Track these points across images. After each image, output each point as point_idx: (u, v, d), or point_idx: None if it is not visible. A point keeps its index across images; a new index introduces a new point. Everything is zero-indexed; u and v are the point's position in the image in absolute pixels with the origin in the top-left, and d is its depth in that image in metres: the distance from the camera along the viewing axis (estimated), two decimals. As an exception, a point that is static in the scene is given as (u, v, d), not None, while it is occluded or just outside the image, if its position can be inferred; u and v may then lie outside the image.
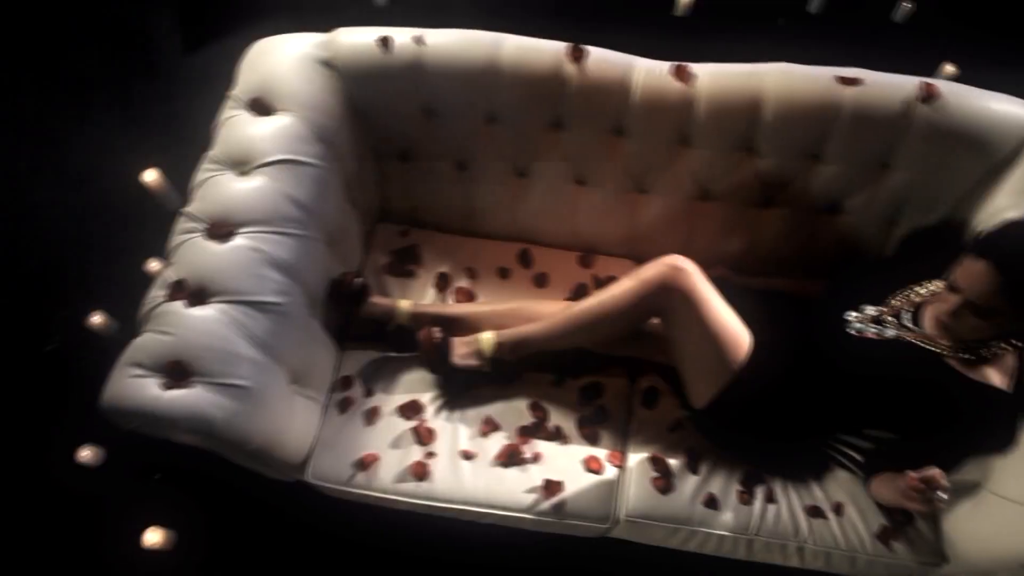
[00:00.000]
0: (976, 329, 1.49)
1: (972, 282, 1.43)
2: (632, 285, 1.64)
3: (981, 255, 1.43)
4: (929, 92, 1.65)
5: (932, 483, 1.36)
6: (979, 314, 1.45)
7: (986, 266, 1.41)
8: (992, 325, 1.48)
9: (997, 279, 1.40)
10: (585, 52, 1.73)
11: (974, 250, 1.45)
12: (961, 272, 1.46)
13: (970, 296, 1.44)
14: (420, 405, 1.79)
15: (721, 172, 1.82)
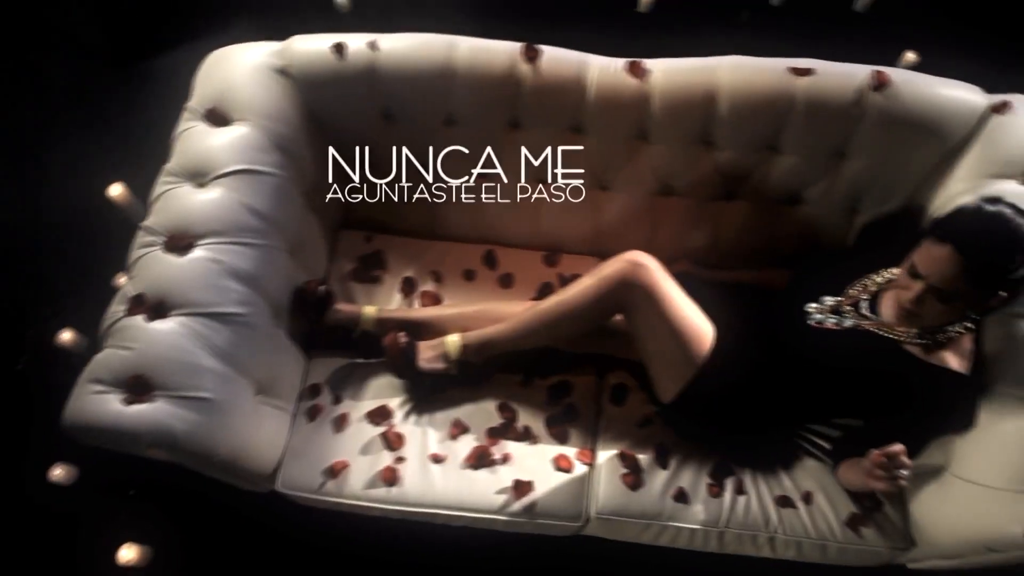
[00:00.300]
0: (940, 314, 1.50)
1: (935, 267, 1.44)
2: (593, 283, 1.65)
3: (942, 240, 1.43)
4: (880, 80, 1.67)
5: (894, 459, 1.37)
6: (943, 299, 1.46)
7: (948, 251, 1.42)
8: (955, 309, 1.49)
9: (960, 263, 1.41)
10: (539, 52, 1.73)
11: (935, 235, 1.45)
12: (923, 258, 1.46)
13: (933, 281, 1.45)
14: (389, 410, 1.78)
15: (681, 167, 1.83)
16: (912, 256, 1.49)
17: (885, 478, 1.38)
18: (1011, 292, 1.47)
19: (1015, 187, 1.63)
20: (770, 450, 1.75)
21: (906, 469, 1.36)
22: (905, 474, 1.37)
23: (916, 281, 1.48)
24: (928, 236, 1.47)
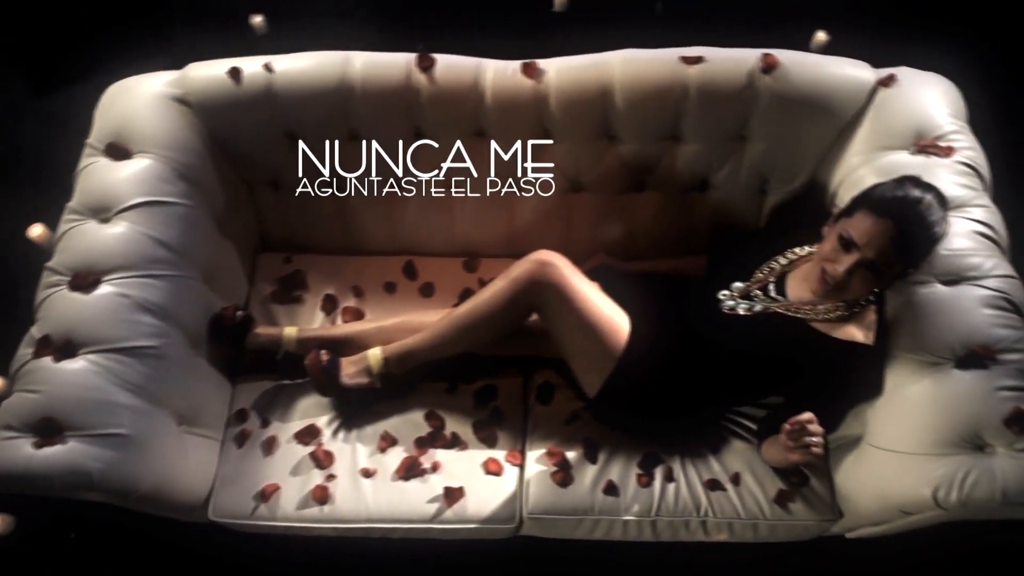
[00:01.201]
0: (866, 286, 1.53)
1: (873, 240, 1.46)
2: (503, 285, 1.66)
3: (882, 214, 1.46)
4: (769, 63, 1.69)
5: (804, 428, 1.39)
6: (874, 269, 1.49)
7: (888, 224, 1.45)
8: (881, 281, 1.52)
9: (897, 237, 1.45)
10: (433, 60, 1.74)
11: (872, 209, 1.48)
12: (859, 231, 1.48)
13: (869, 253, 1.47)
14: (317, 429, 1.78)
15: (587, 163, 1.85)
16: (840, 228, 1.51)
17: (799, 447, 1.41)
18: (917, 268, 1.52)
19: (906, 157, 1.67)
20: (697, 435, 1.77)
21: (817, 436, 1.39)
22: (816, 441, 1.39)
23: (848, 254, 1.49)
24: (862, 209, 1.49)
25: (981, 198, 1.63)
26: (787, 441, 1.42)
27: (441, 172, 1.87)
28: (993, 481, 1.38)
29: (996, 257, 1.56)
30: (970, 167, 1.65)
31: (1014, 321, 1.50)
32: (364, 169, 1.87)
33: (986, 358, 1.45)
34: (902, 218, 1.45)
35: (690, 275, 1.89)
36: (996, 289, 1.52)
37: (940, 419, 1.45)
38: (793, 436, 1.41)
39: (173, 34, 2.85)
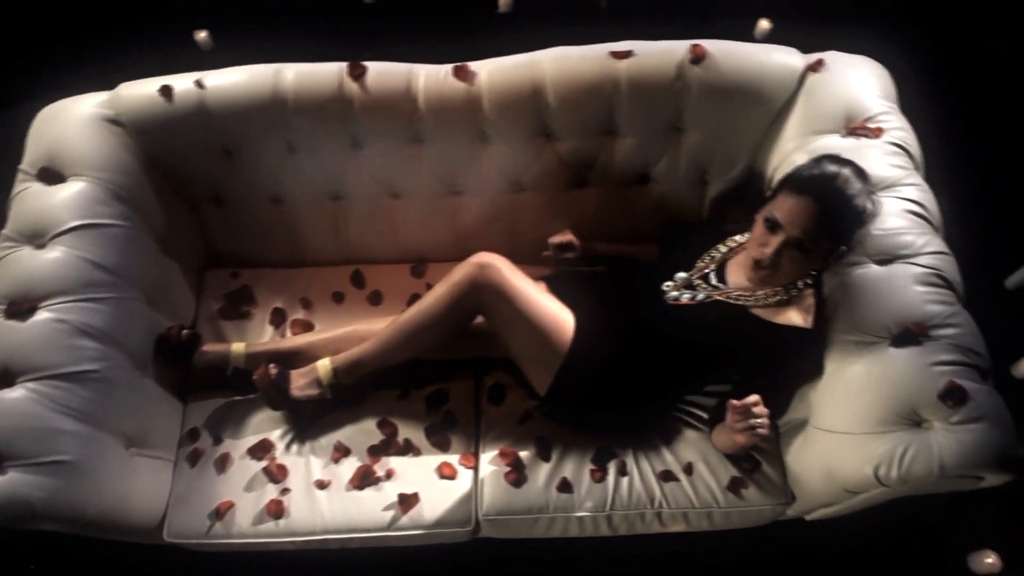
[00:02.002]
0: (797, 266, 1.54)
1: (795, 218, 1.48)
2: (444, 290, 1.66)
3: (800, 192, 1.48)
4: (697, 53, 1.70)
5: (748, 410, 1.40)
6: (802, 249, 1.50)
7: (808, 201, 1.47)
8: (809, 262, 1.54)
9: (818, 212, 1.46)
10: (365, 68, 1.74)
11: (792, 188, 1.50)
12: (782, 211, 1.50)
13: (794, 232, 1.49)
14: (270, 444, 1.78)
15: (525, 162, 1.85)
16: (766, 212, 1.53)
17: (744, 429, 1.42)
18: (849, 246, 1.54)
19: (838, 140, 1.68)
20: (649, 427, 1.77)
21: (762, 418, 1.40)
22: (761, 422, 1.40)
23: (775, 235, 1.51)
24: (783, 191, 1.52)
25: (912, 177, 1.65)
26: (733, 424, 1.44)
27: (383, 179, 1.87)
28: (930, 456, 1.39)
29: (928, 234, 1.58)
30: (900, 147, 1.67)
31: (947, 297, 1.51)
32: (305, 180, 1.87)
33: (920, 335, 1.46)
34: (821, 194, 1.47)
35: (641, 264, 1.89)
36: (928, 266, 1.53)
37: (878, 398, 1.46)
38: (738, 420, 1.42)
39: (115, 54, 2.83)
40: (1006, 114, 2.74)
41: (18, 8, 2.94)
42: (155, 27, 2.87)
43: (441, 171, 1.86)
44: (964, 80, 2.84)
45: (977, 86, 2.83)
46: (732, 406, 1.41)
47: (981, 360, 1.46)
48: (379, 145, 1.82)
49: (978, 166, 2.63)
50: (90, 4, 2.97)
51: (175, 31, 2.78)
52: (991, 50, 2.88)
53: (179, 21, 2.82)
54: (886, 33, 2.65)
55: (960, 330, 1.48)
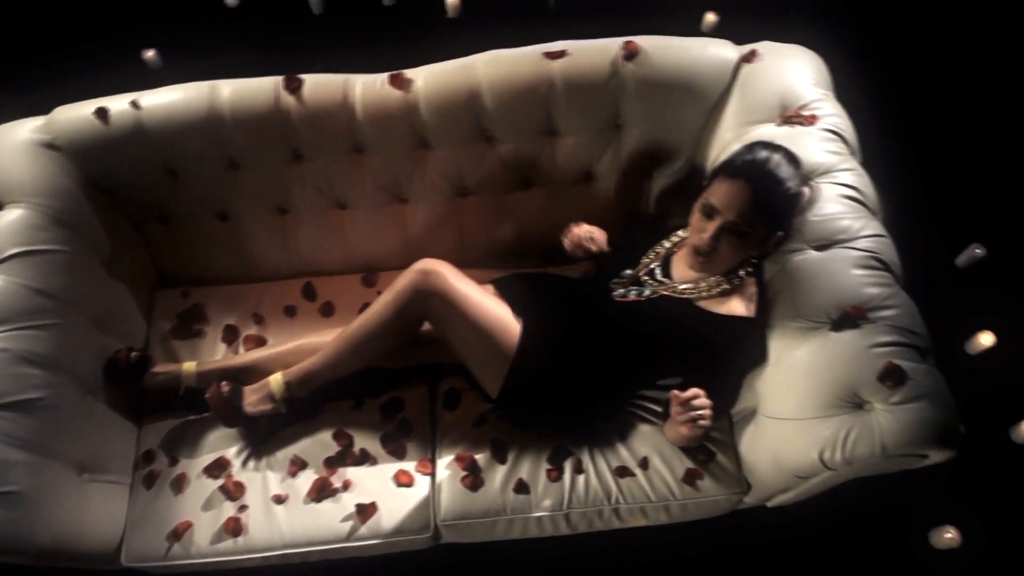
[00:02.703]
0: (735, 251, 1.56)
1: (731, 202, 1.51)
2: (389, 298, 1.67)
3: (735, 176, 1.51)
4: (630, 50, 1.72)
5: (688, 403, 1.43)
6: (739, 234, 1.53)
7: (741, 184, 1.50)
8: (746, 247, 1.56)
9: (752, 195, 1.49)
10: (301, 81, 1.74)
11: (726, 173, 1.53)
12: (717, 196, 1.53)
13: (730, 216, 1.51)
14: (226, 461, 1.77)
15: (468, 166, 1.85)
16: (702, 199, 1.56)
17: (686, 421, 1.44)
18: (786, 231, 1.55)
19: (773, 129, 1.70)
20: (604, 424, 1.78)
21: (703, 410, 1.42)
22: (702, 414, 1.42)
23: (712, 221, 1.54)
24: (718, 177, 1.54)
25: (847, 162, 1.66)
26: (676, 416, 1.45)
27: (327, 190, 1.87)
28: (872, 437, 1.41)
29: (865, 218, 1.59)
30: (835, 133, 1.68)
31: (884, 279, 1.53)
32: (250, 195, 1.87)
33: (858, 318, 1.48)
34: (753, 178, 1.49)
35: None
36: (866, 249, 1.55)
37: (821, 382, 1.48)
38: (680, 410, 1.43)
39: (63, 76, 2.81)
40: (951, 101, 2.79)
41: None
42: (102, 48, 2.85)
43: (385, 179, 1.86)
44: (905, 66, 2.87)
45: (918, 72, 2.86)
46: (674, 398, 1.43)
47: (919, 339, 1.48)
48: (321, 156, 1.82)
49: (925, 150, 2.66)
50: (35, 26, 2.96)
51: (123, 51, 2.76)
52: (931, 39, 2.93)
53: (127, 41, 2.80)
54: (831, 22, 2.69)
55: (898, 311, 1.49)
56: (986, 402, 2.17)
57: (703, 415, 1.43)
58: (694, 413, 1.42)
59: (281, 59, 2.09)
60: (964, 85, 2.82)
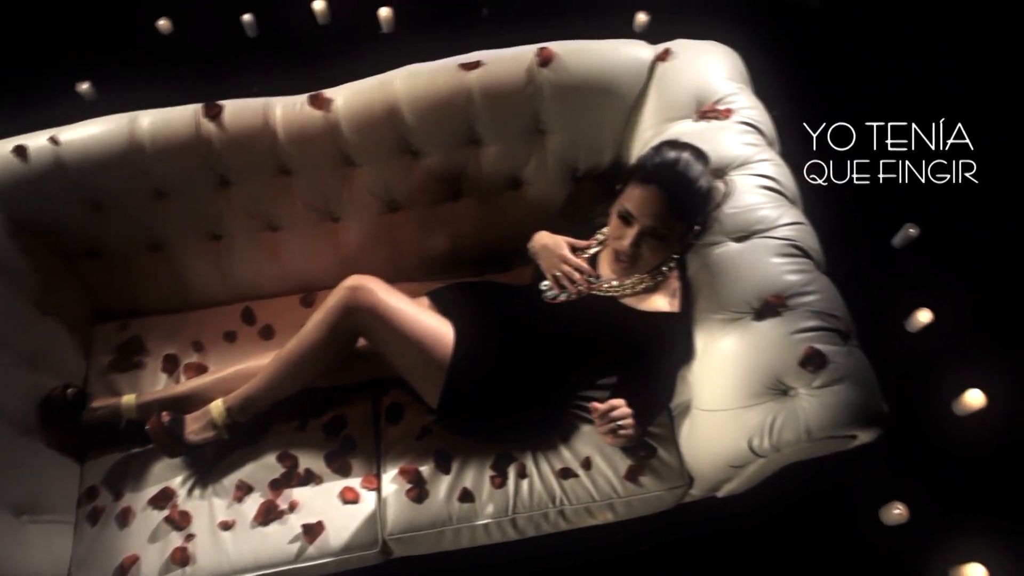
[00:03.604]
0: (657, 253, 1.59)
1: (645, 208, 1.53)
2: (320, 317, 1.67)
3: (646, 182, 1.53)
4: (544, 56, 1.74)
5: (605, 415, 1.44)
6: (657, 235, 1.55)
7: (654, 190, 1.52)
8: (669, 246, 1.58)
9: (666, 198, 1.51)
10: (220, 107, 1.74)
11: (638, 179, 1.55)
12: (632, 203, 1.55)
13: (647, 221, 1.54)
14: (171, 492, 1.76)
15: (396, 181, 1.87)
16: (618, 206, 1.58)
17: (607, 432, 1.45)
18: (703, 225, 1.57)
19: (690, 125, 1.73)
20: (546, 427, 1.79)
21: (623, 419, 1.44)
22: (623, 423, 1.44)
23: (630, 227, 1.56)
24: (631, 183, 1.56)
25: (764, 153, 1.69)
26: (597, 428, 1.47)
27: (258, 213, 1.87)
28: (797, 422, 1.43)
29: (783, 207, 1.62)
30: (750, 125, 1.72)
31: (804, 265, 1.56)
32: (180, 224, 1.87)
33: (779, 306, 1.50)
34: (665, 180, 1.52)
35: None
36: (784, 237, 1.57)
37: (746, 372, 1.50)
38: (600, 422, 1.45)
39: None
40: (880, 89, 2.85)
41: None
42: (35, 82, 2.84)
43: (314, 199, 1.87)
44: (835, 54, 2.92)
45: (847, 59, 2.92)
46: (593, 411, 1.45)
47: (840, 323, 1.50)
48: (248, 181, 1.83)
49: (860, 137, 2.70)
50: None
51: (57, 85, 2.75)
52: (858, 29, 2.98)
53: (60, 74, 2.79)
54: (763, 19, 2.75)
55: (818, 296, 1.52)
56: (927, 377, 2.22)
57: (623, 424, 1.45)
58: (612, 424, 1.44)
59: (219, 84, 2.11)
60: (892, 71, 2.87)
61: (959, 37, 2.89)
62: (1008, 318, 2.33)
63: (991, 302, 2.35)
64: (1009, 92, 2.77)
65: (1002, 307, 2.36)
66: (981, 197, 2.36)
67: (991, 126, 2.42)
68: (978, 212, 2.48)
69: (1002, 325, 2.32)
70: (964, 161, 2.30)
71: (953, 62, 2.83)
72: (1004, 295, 2.38)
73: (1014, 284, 2.41)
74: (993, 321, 2.32)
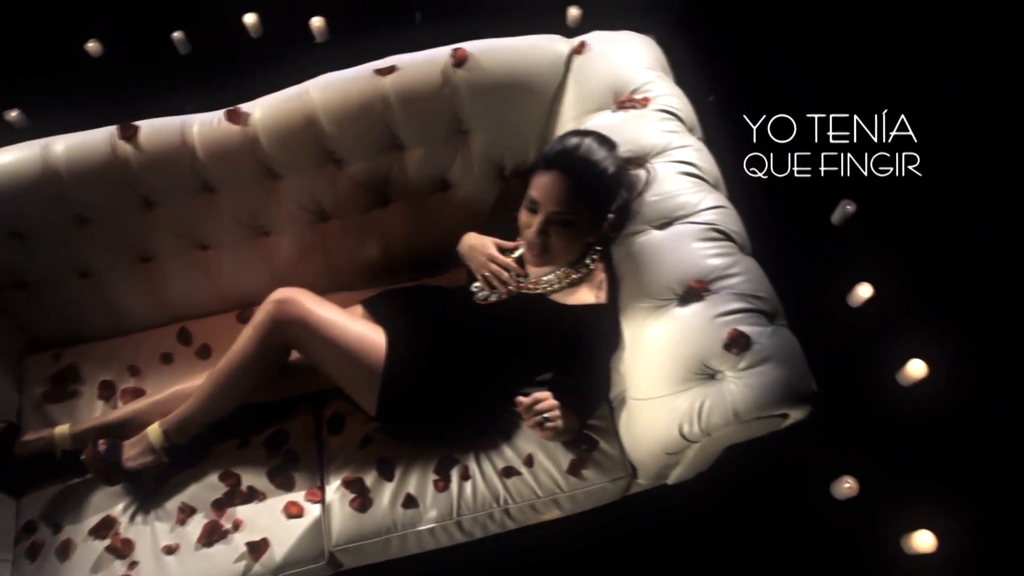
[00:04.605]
0: (567, 241, 1.58)
1: (548, 193, 1.54)
2: (249, 332, 1.66)
3: (548, 168, 1.54)
4: (459, 57, 1.73)
5: (530, 409, 1.45)
6: (563, 222, 1.55)
7: (555, 175, 1.53)
8: (577, 234, 1.58)
9: (567, 182, 1.52)
10: (136, 128, 1.73)
11: (541, 167, 1.56)
12: (536, 189, 1.55)
13: (551, 207, 1.54)
14: (112, 520, 1.74)
15: (322, 191, 1.86)
16: (526, 195, 1.58)
17: (535, 426, 1.46)
18: (617, 213, 1.57)
19: (609, 116, 1.73)
20: (487, 427, 1.79)
21: (550, 411, 1.44)
22: (549, 416, 1.44)
23: (536, 215, 1.57)
24: (535, 172, 1.57)
25: (683, 139, 1.70)
26: (525, 423, 1.47)
27: (186, 233, 1.85)
28: (724, 405, 1.43)
29: (703, 192, 1.63)
30: (669, 112, 1.72)
31: (726, 248, 1.56)
32: (106, 249, 1.84)
33: (702, 290, 1.51)
34: (566, 165, 1.53)
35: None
36: (706, 222, 1.58)
37: (674, 358, 1.50)
38: (527, 416, 1.46)
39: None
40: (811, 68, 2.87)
41: None
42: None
43: (241, 215, 1.86)
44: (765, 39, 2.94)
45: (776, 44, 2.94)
46: (518, 405, 1.45)
47: (765, 303, 1.51)
48: (171, 201, 1.81)
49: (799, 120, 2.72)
50: None
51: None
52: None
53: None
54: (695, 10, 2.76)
55: (741, 278, 1.52)
56: (871, 350, 2.24)
57: (550, 416, 1.45)
58: (539, 417, 1.44)
59: (152, 104, 2.08)
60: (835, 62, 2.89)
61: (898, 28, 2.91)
62: (945, 287, 2.36)
63: (928, 273, 2.38)
64: (951, 82, 2.78)
65: (939, 277, 2.38)
66: (923, 187, 2.38)
67: (936, 118, 2.44)
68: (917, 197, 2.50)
69: (940, 294, 2.34)
70: (907, 153, 2.33)
71: (895, 53, 2.85)
72: (940, 265, 2.41)
73: (949, 254, 2.44)
74: (932, 291, 2.35)
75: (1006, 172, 2.59)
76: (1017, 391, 2.21)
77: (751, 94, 2.71)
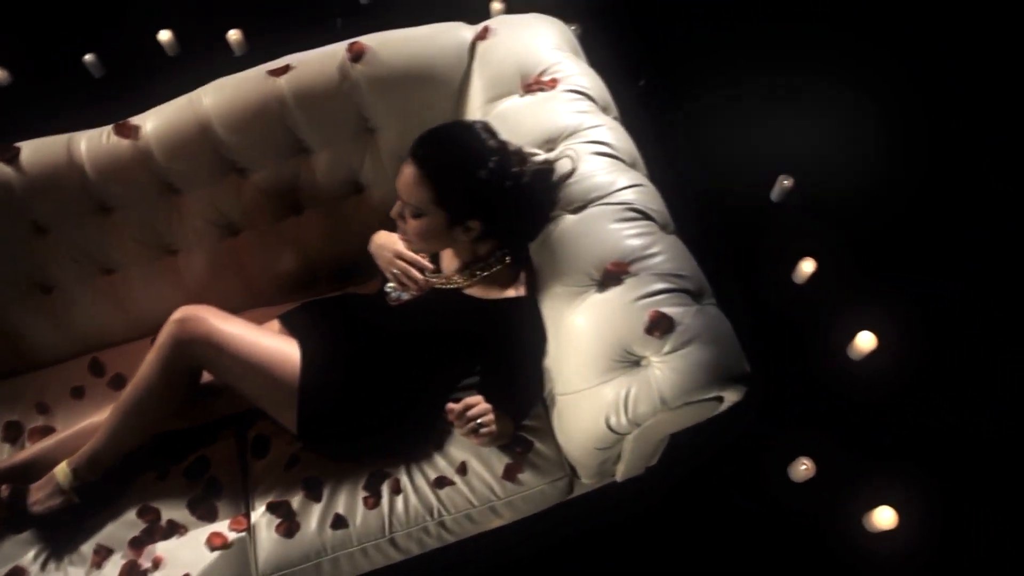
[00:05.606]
0: (419, 230, 1.52)
1: (401, 184, 1.50)
2: (152, 356, 1.56)
3: (406, 159, 1.50)
4: (355, 51, 1.66)
5: (462, 416, 1.36)
6: (414, 214, 1.51)
7: (405, 165, 1.49)
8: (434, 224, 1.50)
9: (416, 173, 1.47)
10: (16, 149, 1.63)
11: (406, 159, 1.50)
12: (398, 180, 1.51)
13: (402, 197, 1.51)
14: (21, 570, 1.62)
15: (227, 203, 1.77)
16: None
17: (468, 433, 1.38)
18: (484, 216, 1.50)
19: (517, 101, 1.66)
20: (416, 436, 1.70)
21: (483, 416, 1.37)
22: (482, 421, 1.36)
23: (398, 205, 1.53)
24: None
25: (595, 118, 1.62)
26: (458, 431, 1.39)
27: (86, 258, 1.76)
28: (651, 392, 1.35)
29: (618, 171, 1.55)
30: (579, 92, 1.65)
31: (645, 227, 1.49)
32: (2, 281, 1.74)
33: (621, 273, 1.43)
34: (415, 155, 1.48)
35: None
36: (622, 202, 1.50)
37: (596, 347, 1.42)
38: (458, 424, 1.37)
39: None
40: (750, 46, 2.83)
41: None
42: None
43: (144, 234, 1.76)
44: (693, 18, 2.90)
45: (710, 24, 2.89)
46: (449, 413, 1.36)
47: (689, 282, 1.44)
48: (65, 225, 1.71)
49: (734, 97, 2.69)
50: None
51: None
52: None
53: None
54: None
55: (662, 257, 1.45)
56: (819, 326, 2.18)
57: (483, 422, 1.37)
58: (472, 424, 1.36)
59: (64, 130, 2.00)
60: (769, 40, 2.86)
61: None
62: (887, 257, 2.31)
63: (869, 244, 2.33)
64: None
65: (880, 247, 2.34)
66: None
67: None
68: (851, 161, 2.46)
69: (883, 265, 2.29)
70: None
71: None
72: (880, 235, 2.36)
73: (889, 223, 2.39)
74: (874, 261, 2.30)
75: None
76: (968, 359, 2.16)
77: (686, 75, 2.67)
